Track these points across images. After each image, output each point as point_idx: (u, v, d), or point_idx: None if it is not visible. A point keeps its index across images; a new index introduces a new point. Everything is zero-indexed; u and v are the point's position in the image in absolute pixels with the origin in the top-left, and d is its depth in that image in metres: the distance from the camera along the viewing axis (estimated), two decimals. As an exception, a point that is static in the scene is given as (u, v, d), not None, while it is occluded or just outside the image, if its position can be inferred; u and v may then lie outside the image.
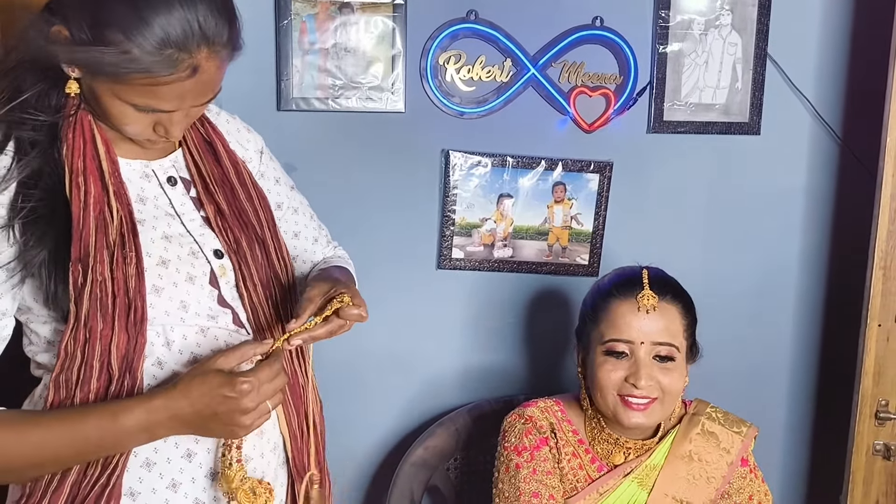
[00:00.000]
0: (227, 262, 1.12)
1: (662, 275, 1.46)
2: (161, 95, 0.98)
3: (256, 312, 1.14)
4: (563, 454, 1.43)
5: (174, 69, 0.96)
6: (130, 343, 1.01)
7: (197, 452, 1.08)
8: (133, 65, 0.94)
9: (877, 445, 1.67)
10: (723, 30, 1.84)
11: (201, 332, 1.09)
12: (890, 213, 1.60)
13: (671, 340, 1.37)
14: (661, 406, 1.38)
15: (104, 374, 1.01)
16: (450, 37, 1.75)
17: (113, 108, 1.00)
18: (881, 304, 1.62)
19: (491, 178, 1.81)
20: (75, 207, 1.01)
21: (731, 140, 1.88)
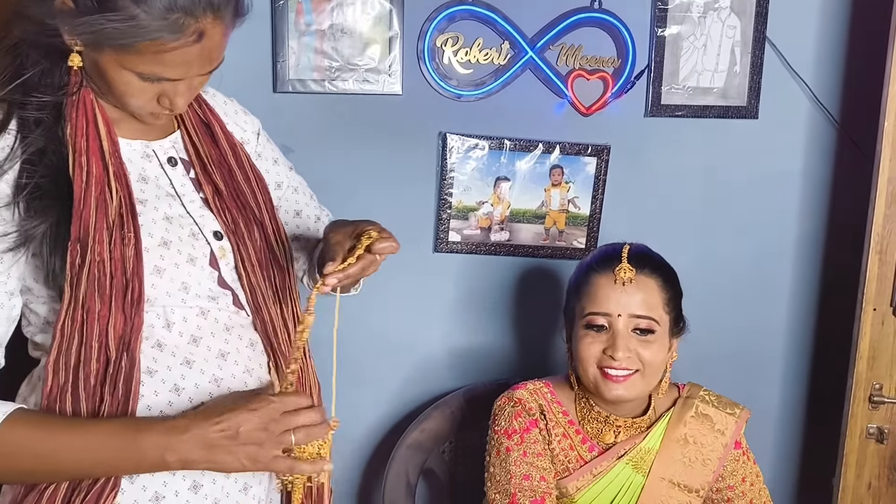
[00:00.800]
0: (226, 244, 1.13)
1: (643, 249, 1.47)
2: (167, 62, 0.98)
3: (255, 293, 1.14)
4: (554, 435, 1.44)
5: (181, 34, 0.96)
6: (128, 324, 1.01)
7: (203, 484, 1.06)
8: (140, 31, 0.94)
9: (870, 429, 1.68)
10: (721, 13, 1.83)
11: (202, 313, 1.09)
12: (886, 197, 1.60)
13: (649, 313, 1.38)
14: (642, 378, 1.39)
15: (102, 355, 1.01)
16: (447, 19, 1.74)
17: (118, 79, 1.00)
18: (876, 288, 1.63)
19: (488, 161, 1.81)
20: (77, 187, 1.01)
21: (729, 124, 1.88)
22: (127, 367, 1.01)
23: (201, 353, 1.08)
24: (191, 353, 1.07)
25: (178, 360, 1.06)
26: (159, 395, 1.05)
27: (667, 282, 1.44)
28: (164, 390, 1.05)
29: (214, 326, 1.10)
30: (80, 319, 1.00)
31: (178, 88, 1.03)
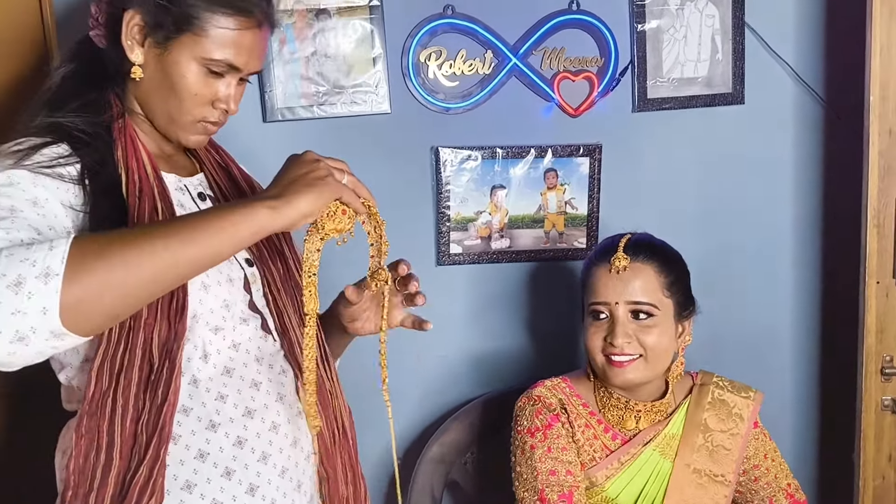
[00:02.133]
0: (255, 271, 1.19)
1: (642, 238, 1.51)
2: (236, 45, 1.11)
3: (282, 317, 1.19)
4: (577, 426, 1.46)
5: (248, 16, 1.11)
6: (171, 332, 1.04)
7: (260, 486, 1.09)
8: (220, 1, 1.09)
9: (885, 401, 1.69)
10: (699, 3, 1.85)
11: (234, 347, 1.13)
12: (879, 170, 1.62)
13: (646, 299, 1.42)
14: (646, 363, 1.43)
15: (146, 362, 1.03)
16: (429, 34, 1.76)
17: (186, 75, 1.10)
18: (878, 261, 1.64)
19: (482, 171, 1.82)
20: (131, 200, 1.07)
21: (717, 112, 1.90)
22: (168, 374, 1.03)
23: (234, 384, 1.11)
24: (224, 384, 1.10)
25: (212, 395, 1.09)
26: (196, 433, 1.07)
27: (665, 266, 1.46)
28: (201, 428, 1.07)
29: (246, 357, 1.13)
30: (127, 326, 1.02)
31: (231, 89, 1.14)
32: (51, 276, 0.85)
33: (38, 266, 0.85)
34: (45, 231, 0.97)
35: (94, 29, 1.16)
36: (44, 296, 0.84)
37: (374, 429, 1.87)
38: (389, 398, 1.71)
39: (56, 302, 0.85)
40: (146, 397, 1.02)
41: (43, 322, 0.85)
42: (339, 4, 1.71)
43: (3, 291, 0.83)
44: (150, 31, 1.10)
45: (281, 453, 1.11)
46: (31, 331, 0.85)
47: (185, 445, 1.06)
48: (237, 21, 1.11)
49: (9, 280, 0.84)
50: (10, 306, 0.83)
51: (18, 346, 0.85)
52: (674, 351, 1.47)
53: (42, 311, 0.84)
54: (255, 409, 1.11)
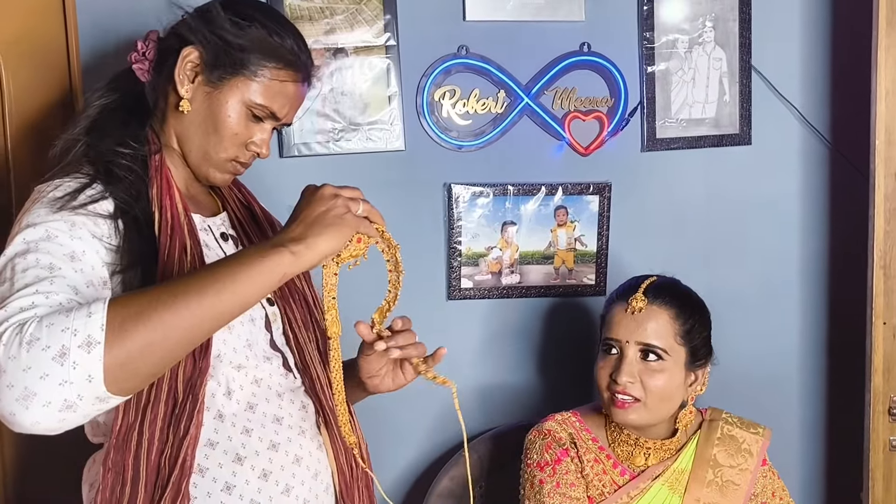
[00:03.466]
0: (276, 310, 1.22)
1: (666, 282, 1.53)
2: (280, 94, 1.19)
3: (303, 354, 1.22)
4: (585, 461, 1.48)
5: (298, 70, 1.21)
6: (196, 368, 1.07)
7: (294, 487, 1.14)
8: (275, 50, 1.17)
9: (893, 441, 1.70)
10: (706, 46, 1.89)
11: (255, 382, 1.16)
12: (885, 213, 1.64)
13: (657, 342, 1.44)
14: (646, 408, 1.44)
15: (171, 397, 1.06)
16: (443, 73, 1.80)
17: (231, 114, 1.17)
18: (884, 302, 1.66)
19: (493, 208, 1.85)
20: (163, 238, 1.10)
21: (724, 152, 1.93)
22: (190, 408, 1.06)
23: (258, 419, 1.14)
24: (248, 419, 1.13)
25: (237, 429, 1.12)
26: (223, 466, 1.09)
27: (683, 313, 1.48)
28: (228, 461, 1.10)
29: (268, 393, 1.16)
30: None
31: (266, 135, 1.22)
32: (93, 345, 0.88)
33: (79, 335, 0.88)
34: (83, 289, 1.00)
35: (138, 63, 1.21)
36: (88, 364, 0.88)
37: (381, 464, 1.88)
38: (398, 430, 1.72)
39: (100, 369, 0.88)
40: (170, 431, 1.05)
41: (89, 389, 0.88)
42: (356, 44, 1.76)
43: (50, 363, 0.87)
44: (205, 69, 1.17)
45: (303, 485, 1.15)
46: (79, 398, 0.88)
47: (213, 478, 1.09)
48: (287, 73, 1.19)
49: (53, 352, 0.87)
50: (57, 377, 0.87)
51: (68, 414, 0.89)
52: (681, 398, 1.48)
53: (88, 379, 0.88)
54: (279, 442, 1.14)
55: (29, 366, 0.87)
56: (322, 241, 1.01)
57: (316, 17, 1.74)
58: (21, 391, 0.86)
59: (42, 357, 0.87)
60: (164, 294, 0.93)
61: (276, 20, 1.22)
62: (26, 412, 0.87)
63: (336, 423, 1.19)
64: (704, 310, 1.54)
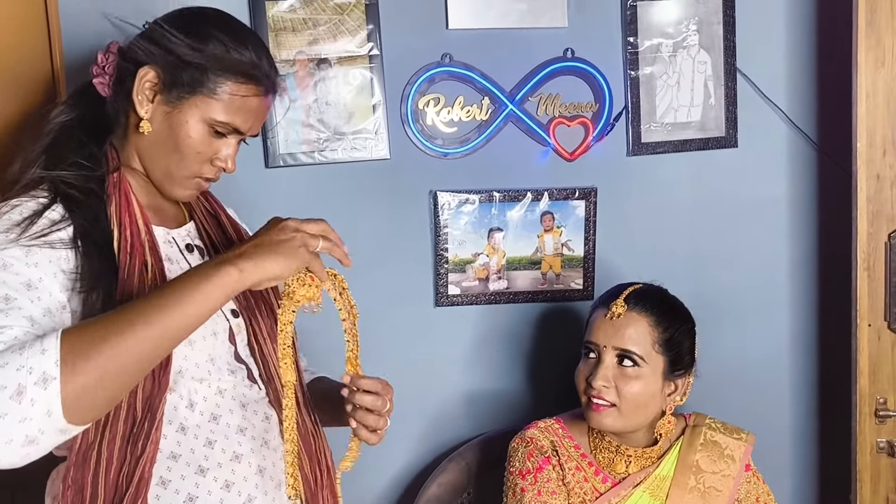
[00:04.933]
0: (240, 322, 1.21)
1: (650, 290, 1.53)
2: (242, 109, 1.16)
3: (267, 366, 1.22)
4: (567, 469, 1.49)
5: (259, 83, 1.18)
6: (154, 385, 1.07)
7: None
8: (234, 65, 1.15)
9: (880, 443, 1.70)
10: (691, 50, 1.89)
11: (219, 392, 1.16)
12: (868, 215, 1.65)
13: (634, 348, 1.45)
14: (620, 414, 1.45)
15: (130, 415, 1.07)
16: (427, 81, 1.81)
17: (192, 133, 1.15)
18: (869, 304, 1.66)
19: (479, 214, 1.86)
20: (122, 256, 1.10)
21: (710, 155, 1.93)
22: (148, 427, 1.07)
23: (221, 430, 1.14)
24: (212, 430, 1.14)
25: (200, 441, 1.12)
26: (185, 478, 1.10)
27: (663, 322, 1.48)
28: (190, 473, 1.11)
29: (232, 404, 1.16)
30: None
31: (231, 150, 1.19)
32: (49, 381, 0.90)
33: (34, 373, 0.89)
34: (40, 319, 1.01)
35: (99, 77, 1.19)
36: (46, 400, 0.89)
37: (370, 471, 1.90)
38: (387, 436, 1.73)
39: (58, 403, 0.90)
40: (128, 449, 1.06)
41: (49, 423, 0.90)
42: (340, 54, 1.77)
43: (7, 403, 0.88)
44: (163, 89, 1.14)
45: (266, 496, 1.15)
46: (40, 433, 0.90)
47: (175, 490, 1.09)
48: (248, 88, 1.16)
49: (10, 391, 0.88)
50: (16, 416, 0.88)
51: (30, 448, 0.90)
52: (658, 406, 1.48)
53: (47, 413, 0.90)
54: (241, 453, 1.14)
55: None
56: (269, 262, 1.02)
57: (299, 28, 1.75)
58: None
59: (0, 397, 0.88)
60: (115, 322, 0.94)
61: (233, 33, 1.18)
62: None
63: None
64: (688, 320, 1.54)
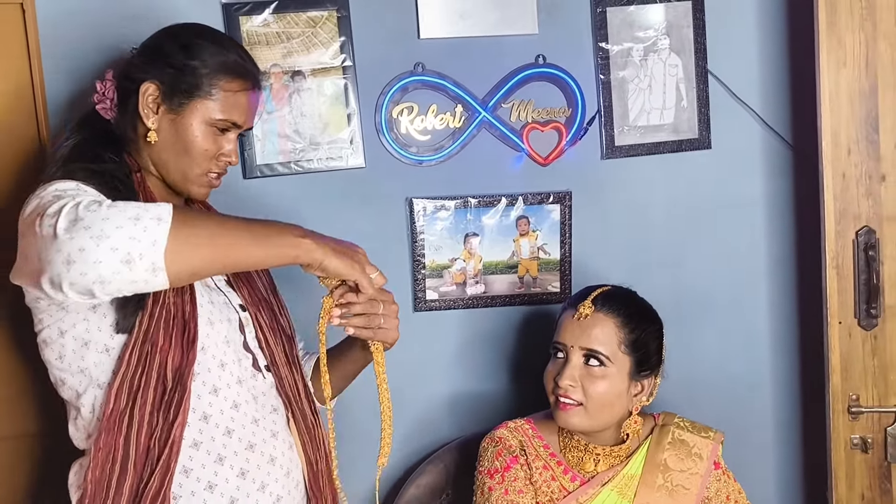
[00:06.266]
0: (247, 316, 1.33)
1: (618, 292, 1.56)
2: (237, 105, 1.30)
3: (274, 355, 1.33)
4: (534, 468, 1.51)
5: (246, 79, 1.31)
6: (184, 358, 1.19)
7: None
8: (222, 67, 1.28)
9: (854, 440, 1.71)
10: (661, 53, 1.91)
11: (239, 383, 1.26)
12: (835, 213, 1.66)
13: (599, 348, 1.48)
14: (586, 412, 1.48)
15: (160, 384, 1.17)
16: (400, 90, 1.84)
17: (197, 134, 1.28)
18: (838, 301, 1.67)
19: (455, 220, 1.88)
20: None
21: (684, 157, 1.95)
22: (178, 396, 1.17)
23: (239, 419, 1.25)
24: (231, 419, 1.24)
25: (220, 430, 1.22)
26: (205, 467, 1.21)
27: (629, 323, 1.51)
28: (210, 461, 1.21)
29: (247, 395, 1.27)
30: (145, 351, 1.17)
31: (233, 144, 1.33)
32: (162, 221, 1.04)
33: (151, 212, 1.04)
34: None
35: (101, 103, 1.32)
36: (156, 233, 1.03)
37: (352, 474, 1.92)
38: (367, 440, 1.76)
39: (164, 240, 1.03)
40: (159, 415, 1.16)
41: (150, 252, 1.03)
42: (314, 66, 1.80)
43: (125, 222, 1.02)
44: (165, 99, 1.28)
45: (276, 483, 1.26)
46: (139, 257, 1.02)
47: (197, 478, 1.19)
48: (238, 84, 1.30)
49: (129, 215, 1.03)
50: (129, 232, 1.02)
51: (122, 269, 1.02)
52: (625, 406, 1.50)
53: (152, 243, 1.03)
54: (255, 443, 1.25)
55: (107, 217, 1.02)
56: (336, 259, 1.18)
57: (273, 41, 1.79)
58: (97, 231, 1.01)
59: (119, 215, 1.03)
60: (217, 218, 1.18)
61: (216, 39, 1.33)
62: (96, 249, 1.00)
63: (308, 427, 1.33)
64: (655, 322, 1.56)
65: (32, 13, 1.68)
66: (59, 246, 1.02)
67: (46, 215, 1.05)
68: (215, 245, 1.09)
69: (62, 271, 1.01)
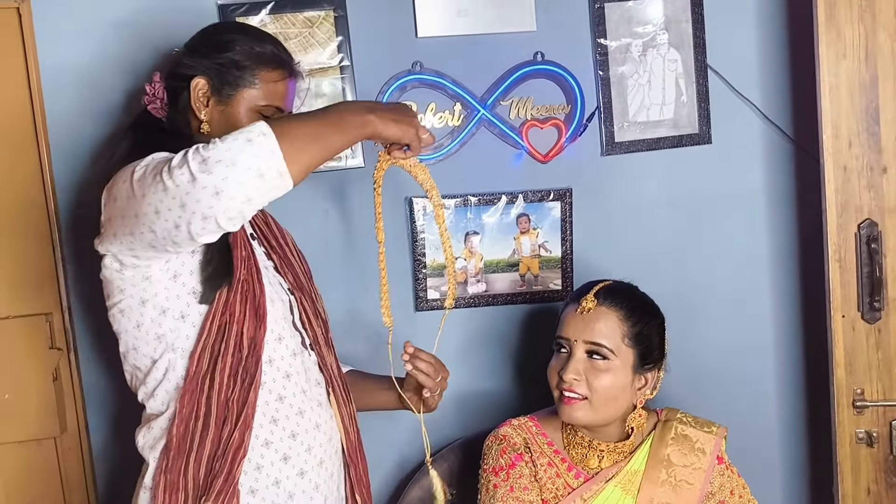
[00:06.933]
0: (294, 299, 1.44)
1: (620, 286, 1.56)
2: (277, 92, 1.41)
3: (316, 336, 1.45)
4: (539, 465, 1.50)
5: (284, 67, 1.43)
6: (256, 328, 1.32)
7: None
8: (262, 57, 1.40)
9: (859, 434, 1.70)
10: (661, 48, 1.90)
11: (293, 356, 1.38)
12: (837, 206, 1.65)
13: (603, 341, 1.47)
14: (591, 406, 1.47)
15: (237, 351, 1.30)
16: (398, 89, 1.83)
17: (243, 122, 1.35)
18: (842, 295, 1.66)
19: (455, 218, 1.88)
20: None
21: (685, 152, 1.94)
22: (253, 362, 1.31)
23: (290, 388, 1.36)
24: (283, 387, 1.36)
25: (273, 395, 1.34)
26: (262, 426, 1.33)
27: (632, 316, 1.50)
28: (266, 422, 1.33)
29: (299, 367, 1.38)
30: (224, 321, 1.30)
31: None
32: (267, 135, 1.15)
33: (253, 131, 1.15)
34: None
35: (151, 103, 1.43)
36: (269, 145, 1.15)
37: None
38: (374, 441, 1.75)
39: (278, 148, 1.15)
40: (237, 379, 1.30)
41: (274, 162, 1.14)
42: (311, 66, 1.80)
43: (242, 145, 1.14)
44: (214, 92, 1.39)
45: (321, 447, 1.38)
46: (268, 168, 1.14)
47: (255, 435, 1.32)
48: (278, 73, 1.41)
49: (241, 140, 1.14)
50: (250, 151, 1.13)
51: (259, 182, 1.14)
52: (629, 400, 1.50)
53: (271, 153, 1.14)
54: (304, 410, 1.37)
55: (228, 147, 1.13)
56: (393, 127, 1.29)
57: (270, 42, 1.78)
58: (228, 159, 1.12)
59: (234, 143, 1.14)
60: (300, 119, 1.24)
61: (253, 34, 1.45)
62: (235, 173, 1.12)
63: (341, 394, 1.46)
64: (657, 315, 1.56)
65: (29, 17, 1.68)
66: (203, 183, 1.12)
67: (172, 167, 1.14)
68: (314, 142, 1.21)
69: (213, 203, 1.12)
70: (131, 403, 1.78)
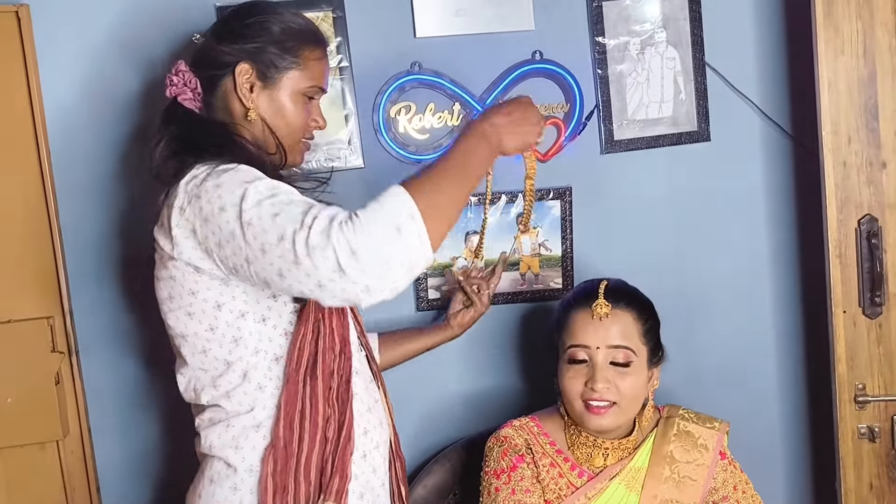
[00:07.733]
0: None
1: (619, 285, 1.55)
2: (320, 69, 1.40)
3: (361, 328, 1.46)
4: (541, 466, 1.50)
5: (321, 44, 1.42)
6: (344, 326, 1.33)
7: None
8: (301, 35, 1.38)
9: (861, 429, 1.70)
10: (659, 46, 1.91)
11: (360, 349, 1.41)
12: (837, 202, 1.65)
13: (626, 343, 1.47)
14: (620, 410, 1.47)
15: (331, 349, 1.30)
16: (397, 90, 1.83)
17: (292, 102, 1.38)
18: (842, 290, 1.67)
19: (456, 218, 1.88)
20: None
21: (684, 150, 1.94)
22: (346, 356, 1.32)
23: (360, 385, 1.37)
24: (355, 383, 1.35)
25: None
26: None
27: (642, 314, 1.52)
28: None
29: (364, 364, 1.41)
30: (317, 319, 1.29)
31: (319, 108, 1.44)
32: (415, 219, 1.12)
33: (401, 212, 1.12)
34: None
35: (182, 94, 1.36)
36: (417, 230, 1.12)
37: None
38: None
39: (426, 232, 1.12)
40: (336, 376, 1.30)
41: (423, 251, 1.12)
42: (310, 67, 1.80)
43: (391, 236, 1.10)
44: (259, 76, 1.36)
45: (385, 444, 1.39)
46: (418, 259, 1.13)
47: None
48: (319, 51, 1.41)
49: (389, 227, 1.10)
50: (401, 244, 1.10)
51: (409, 274, 1.13)
52: (645, 396, 1.51)
53: (419, 241, 1.12)
54: (371, 406, 1.37)
55: (379, 242, 1.09)
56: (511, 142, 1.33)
57: (269, 43, 1.78)
58: (382, 259, 1.09)
59: (381, 229, 1.10)
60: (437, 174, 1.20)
61: (286, 13, 1.40)
62: (390, 276, 1.10)
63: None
64: (654, 308, 1.57)
65: (28, 20, 1.68)
66: (353, 279, 1.09)
67: (311, 245, 1.10)
68: (454, 206, 1.19)
69: (363, 298, 1.12)
70: (133, 406, 1.79)
